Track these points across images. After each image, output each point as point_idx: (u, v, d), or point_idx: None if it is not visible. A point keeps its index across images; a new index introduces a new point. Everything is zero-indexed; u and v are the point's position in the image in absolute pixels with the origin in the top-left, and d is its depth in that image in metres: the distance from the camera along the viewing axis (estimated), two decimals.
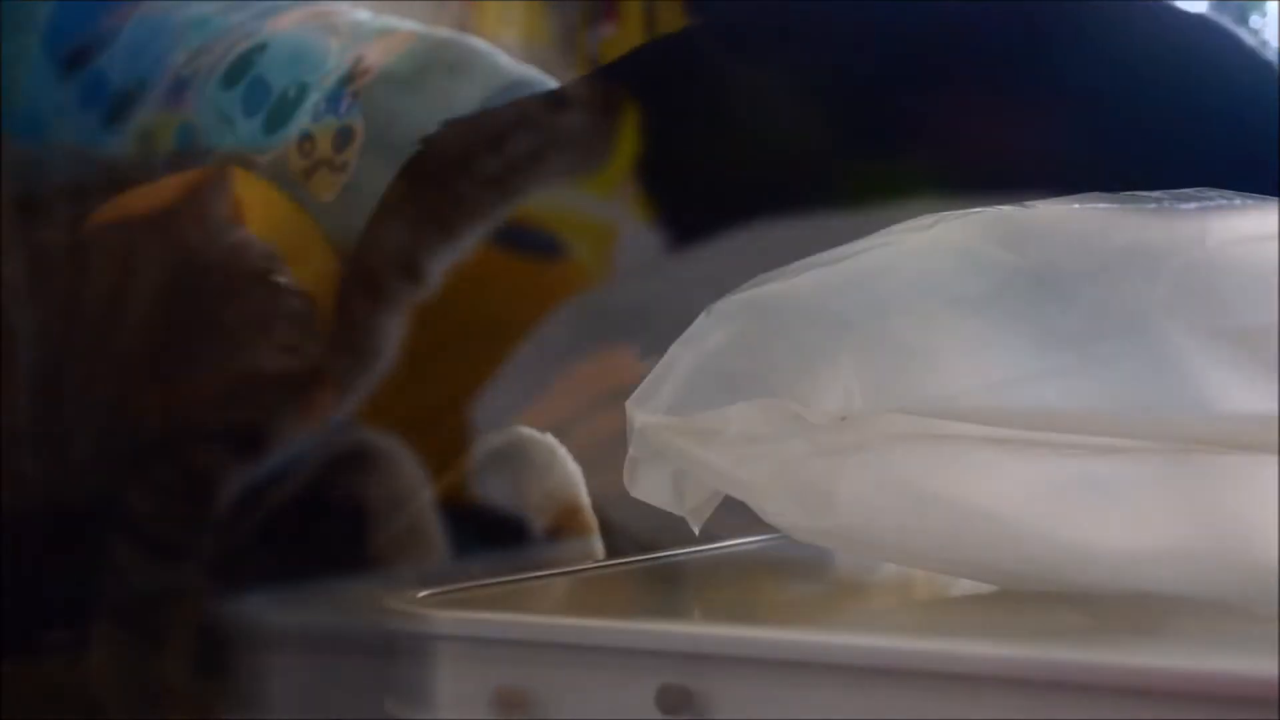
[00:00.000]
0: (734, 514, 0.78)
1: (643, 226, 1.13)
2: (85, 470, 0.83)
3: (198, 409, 0.80)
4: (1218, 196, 0.68)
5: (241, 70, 1.24)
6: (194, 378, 0.81)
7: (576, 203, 1.60)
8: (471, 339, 1.42)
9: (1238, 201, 0.67)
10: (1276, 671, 0.54)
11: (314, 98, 1.22)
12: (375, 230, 0.89)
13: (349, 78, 1.26)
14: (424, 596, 0.70)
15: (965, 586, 0.73)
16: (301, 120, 1.26)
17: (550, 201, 1.57)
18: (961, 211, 0.70)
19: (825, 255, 0.74)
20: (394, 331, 0.91)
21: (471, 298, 1.43)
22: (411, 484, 1.05)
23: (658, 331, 0.71)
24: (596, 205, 1.63)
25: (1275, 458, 0.63)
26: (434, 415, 1.32)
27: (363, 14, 1.31)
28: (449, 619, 0.66)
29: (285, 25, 1.27)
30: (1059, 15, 0.88)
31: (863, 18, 0.90)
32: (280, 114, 1.22)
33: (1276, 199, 0.67)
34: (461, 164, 0.90)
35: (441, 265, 0.90)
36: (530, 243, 1.50)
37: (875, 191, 0.85)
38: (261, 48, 1.25)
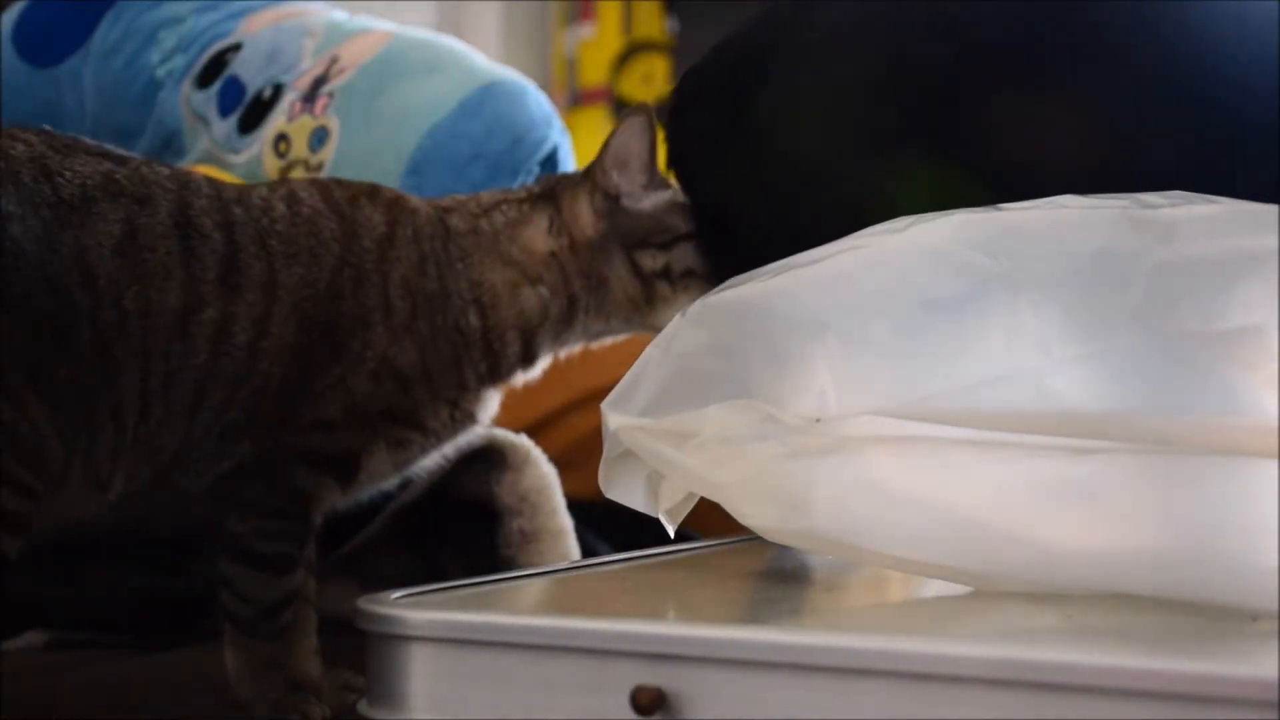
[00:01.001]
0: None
1: None
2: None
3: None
4: (1187, 198, 0.68)
5: (215, 70, 1.24)
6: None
7: None
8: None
9: (1207, 203, 0.67)
10: (1247, 672, 0.55)
11: (289, 98, 1.21)
12: None
13: (324, 78, 1.25)
14: (399, 598, 0.70)
15: (939, 587, 0.73)
16: (277, 120, 1.25)
17: None
18: (935, 214, 0.70)
19: (800, 257, 0.74)
20: (492, 405, 0.92)
21: None
22: (542, 482, 1.06)
23: None
24: None
25: (1246, 459, 0.63)
26: (563, 413, 1.32)
27: (338, 14, 1.31)
28: (423, 620, 0.66)
29: (260, 25, 1.26)
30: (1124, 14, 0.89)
31: (930, 15, 0.90)
32: (255, 114, 1.22)
33: (1245, 201, 0.68)
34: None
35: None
36: None
37: (934, 192, 0.85)
38: (236, 48, 1.24)
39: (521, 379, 0.91)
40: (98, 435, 0.77)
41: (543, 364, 0.92)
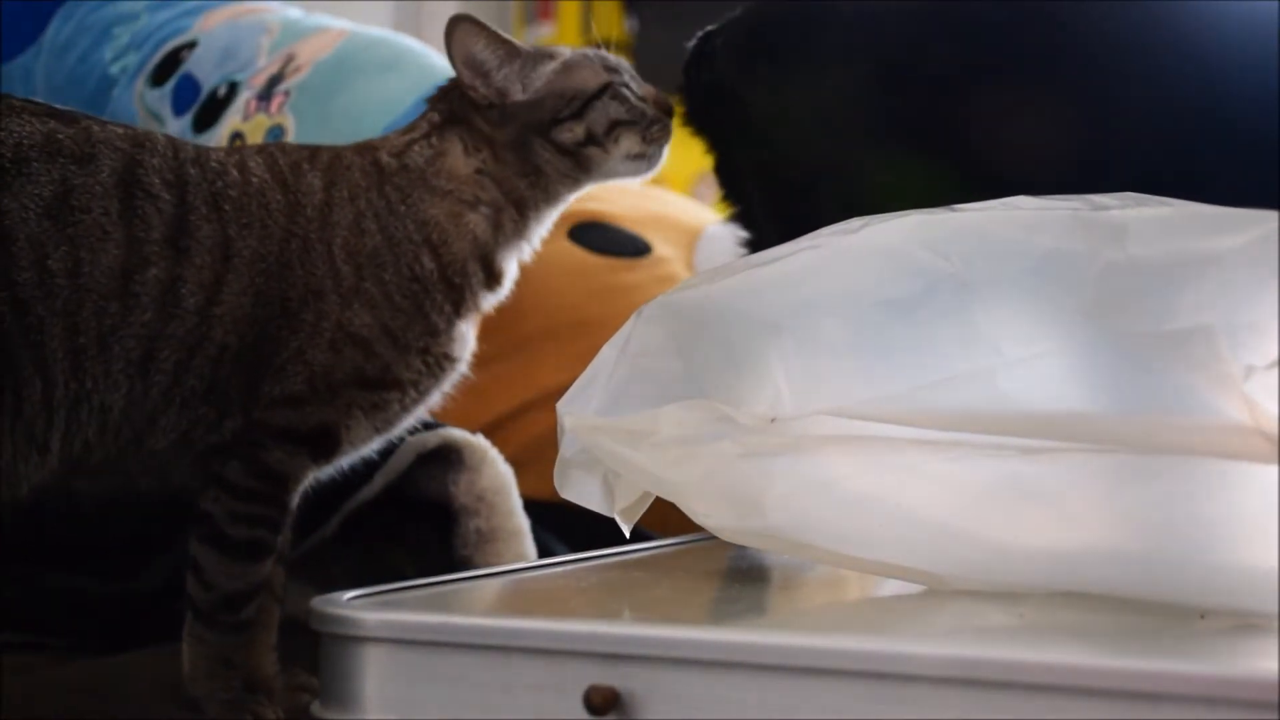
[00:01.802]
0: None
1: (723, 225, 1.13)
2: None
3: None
4: (1138, 200, 0.69)
5: (170, 68, 1.23)
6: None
7: (659, 201, 1.61)
8: (554, 337, 1.42)
9: (1157, 205, 0.68)
10: (1197, 668, 0.55)
11: (245, 96, 1.21)
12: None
13: (280, 76, 1.25)
14: (352, 598, 0.70)
15: (894, 586, 0.73)
16: (232, 118, 1.24)
17: (633, 200, 1.57)
18: (889, 215, 0.71)
19: (755, 257, 0.74)
20: (469, 339, 0.91)
21: (556, 296, 1.42)
22: (499, 482, 1.05)
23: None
24: (678, 204, 1.64)
25: (1195, 458, 0.64)
26: (519, 413, 1.31)
27: (295, 12, 1.30)
28: (377, 621, 0.66)
29: (215, 23, 1.25)
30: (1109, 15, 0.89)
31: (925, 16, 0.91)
32: (210, 112, 1.21)
33: (1193, 203, 0.68)
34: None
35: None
36: (613, 241, 1.50)
37: (937, 187, 0.86)
38: (191, 45, 1.24)
39: (492, 302, 0.90)
40: (24, 391, 0.76)
41: (511, 278, 0.90)
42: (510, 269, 0.90)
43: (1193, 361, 0.61)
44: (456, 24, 0.87)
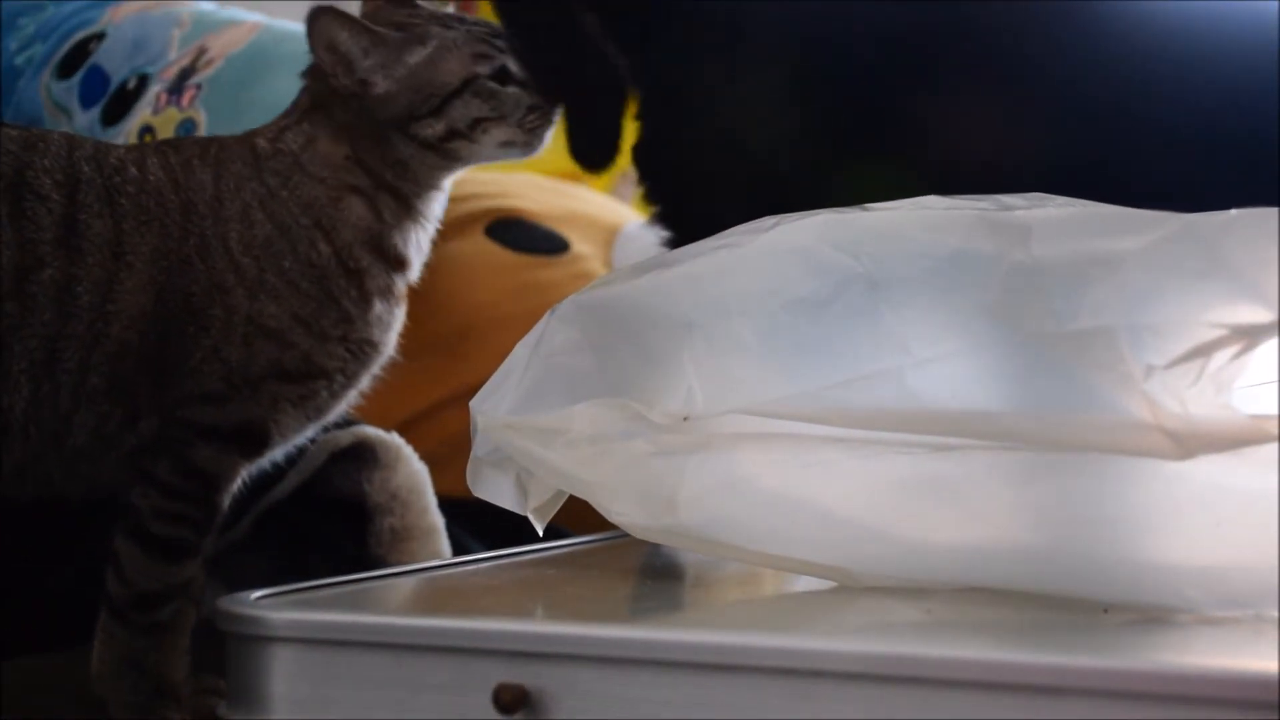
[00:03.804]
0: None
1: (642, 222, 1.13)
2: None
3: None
4: (1043, 200, 0.70)
5: (78, 60, 1.21)
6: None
7: (578, 199, 1.60)
8: (470, 335, 1.41)
9: (1064, 205, 0.69)
10: (1100, 663, 0.56)
11: (155, 89, 1.19)
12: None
13: (192, 69, 1.23)
14: (259, 598, 0.69)
15: (805, 583, 0.74)
16: (142, 112, 1.23)
17: (551, 197, 1.56)
18: (800, 214, 0.71)
19: (668, 256, 0.74)
20: (390, 321, 0.89)
21: (472, 293, 1.41)
22: (414, 480, 1.04)
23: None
24: (597, 202, 1.63)
25: (1099, 455, 0.65)
26: (434, 411, 1.30)
27: (207, 4, 1.28)
28: (283, 620, 0.65)
29: (125, 14, 1.23)
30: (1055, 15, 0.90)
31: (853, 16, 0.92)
32: (120, 105, 1.19)
33: (1100, 203, 0.69)
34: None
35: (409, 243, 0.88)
36: (531, 238, 1.49)
37: (864, 188, 0.86)
38: (99, 37, 1.22)
39: (404, 283, 0.88)
40: None
41: (419, 260, 0.88)
42: (411, 249, 0.88)
43: (1095, 361, 0.62)
44: (319, 15, 0.85)
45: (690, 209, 1.00)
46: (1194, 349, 0.61)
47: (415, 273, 0.89)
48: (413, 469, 1.05)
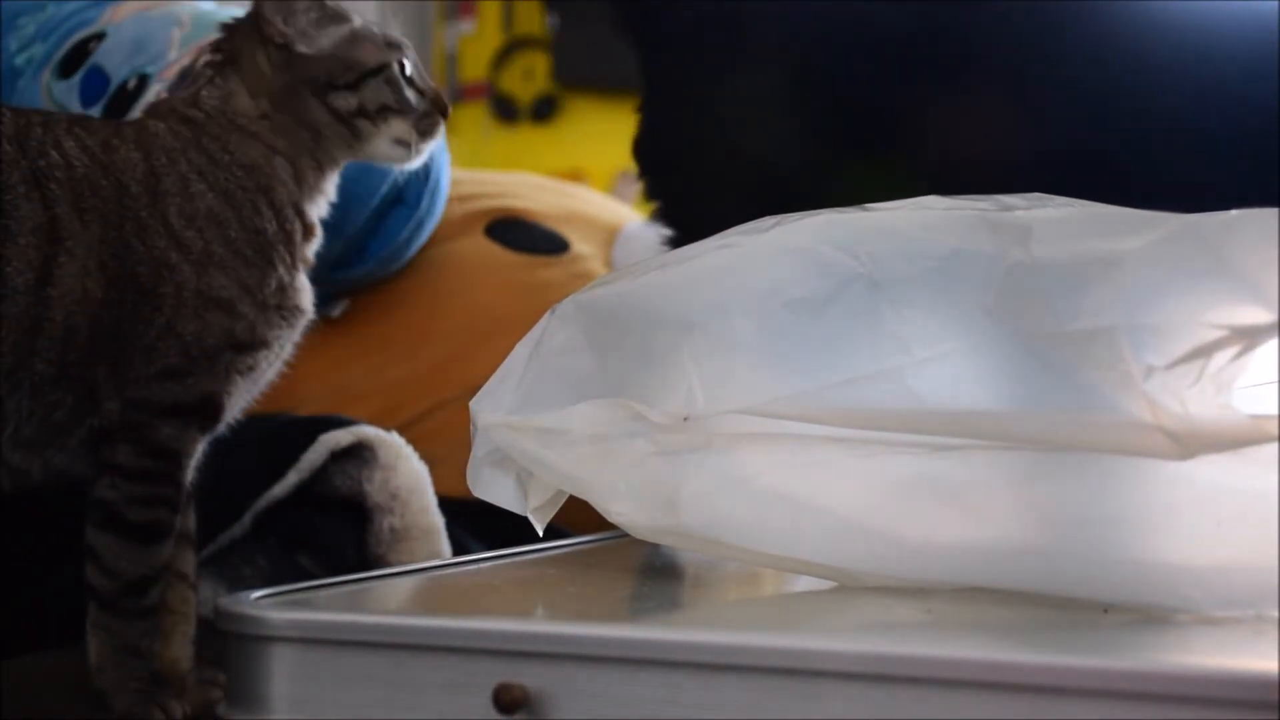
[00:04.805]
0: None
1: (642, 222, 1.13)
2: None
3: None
4: (1043, 200, 0.70)
5: (78, 60, 1.21)
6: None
7: (578, 198, 1.60)
8: (470, 334, 1.41)
9: (1063, 205, 0.69)
10: (1103, 663, 0.56)
11: (156, 89, 1.19)
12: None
13: (192, 69, 1.22)
14: (259, 597, 0.69)
15: (805, 583, 0.74)
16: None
17: (551, 197, 1.56)
18: (800, 214, 0.71)
19: (668, 256, 0.74)
20: (307, 289, 0.89)
21: (472, 293, 1.41)
22: (414, 480, 1.04)
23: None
24: (597, 201, 1.63)
25: (1100, 455, 0.65)
26: (434, 411, 1.30)
27: (207, 4, 1.28)
28: (283, 620, 0.66)
29: (125, 14, 1.23)
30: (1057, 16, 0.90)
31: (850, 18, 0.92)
32: (119, 105, 1.19)
33: (1100, 203, 0.69)
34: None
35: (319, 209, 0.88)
36: (531, 238, 1.49)
37: (864, 187, 0.86)
38: (99, 36, 1.21)
39: (311, 252, 0.88)
40: None
41: (319, 232, 0.88)
42: (317, 220, 0.88)
43: (1095, 361, 0.62)
44: None
45: (690, 205, 1.00)
46: (1194, 349, 0.61)
47: (318, 244, 0.89)
48: (413, 469, 1.05)
